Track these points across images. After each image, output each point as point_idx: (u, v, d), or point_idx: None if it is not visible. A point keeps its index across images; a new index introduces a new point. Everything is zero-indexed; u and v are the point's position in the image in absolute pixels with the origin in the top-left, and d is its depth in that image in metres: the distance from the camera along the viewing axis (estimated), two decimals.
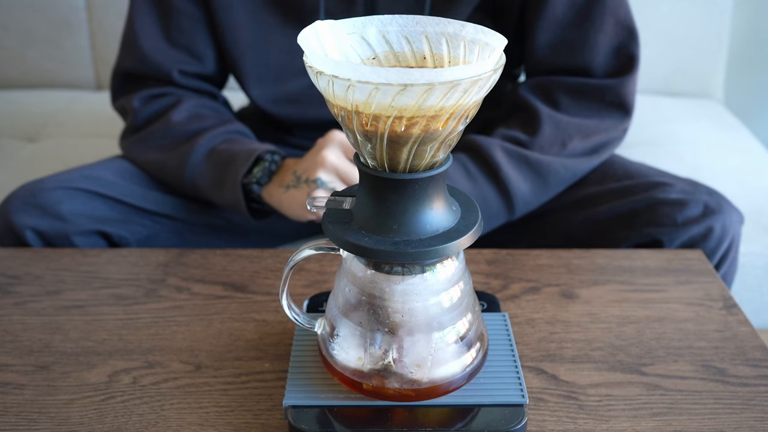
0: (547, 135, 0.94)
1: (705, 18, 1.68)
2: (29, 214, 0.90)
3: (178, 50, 1.00)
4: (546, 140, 0.94)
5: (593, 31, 0.94)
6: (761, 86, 1.92)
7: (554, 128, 0.94)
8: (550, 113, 0.95)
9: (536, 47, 0.97)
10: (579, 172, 0.96)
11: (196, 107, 0.99)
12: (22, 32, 1.75)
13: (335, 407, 0.60)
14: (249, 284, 0.81)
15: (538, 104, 0.96)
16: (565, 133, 0.95)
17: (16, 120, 1.64)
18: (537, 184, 0.94)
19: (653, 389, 0.66)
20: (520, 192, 0.92)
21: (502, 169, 0.91)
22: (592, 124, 0.96)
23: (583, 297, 0.79)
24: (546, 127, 0.94)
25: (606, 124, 0.97)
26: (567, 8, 0.94)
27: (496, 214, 0.93)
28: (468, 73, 0.48)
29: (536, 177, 0.93)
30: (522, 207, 0.94)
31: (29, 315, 0.76)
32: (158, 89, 1.01)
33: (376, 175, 0.54)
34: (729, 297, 0.79)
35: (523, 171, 0.93)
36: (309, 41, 0.53)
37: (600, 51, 0.95)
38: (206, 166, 0.94)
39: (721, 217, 0.87)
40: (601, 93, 0.96)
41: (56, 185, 0.92)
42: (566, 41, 0.95)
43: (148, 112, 0.99)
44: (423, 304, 0.58)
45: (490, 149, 0.92)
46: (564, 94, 0.96)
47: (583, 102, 0.96)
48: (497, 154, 0.92)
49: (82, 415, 0.63)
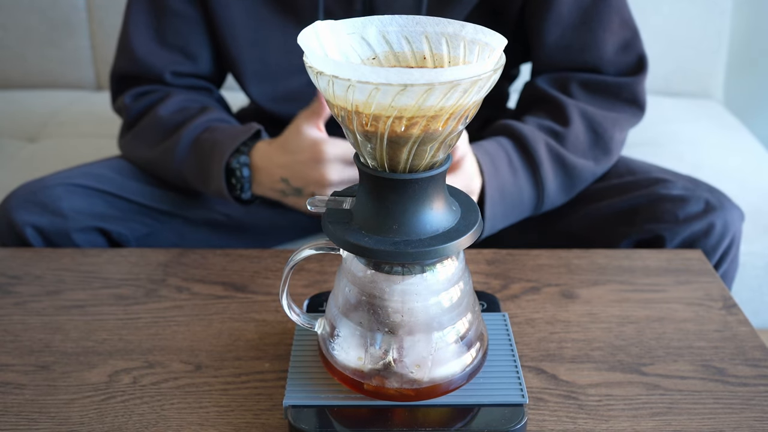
0: (578, 124, 0.94)
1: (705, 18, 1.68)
2: (29, 211, 0.90)
3: (172, 51, 1.00)
4: (580, 130, 0.94)
5: (600, 30, 0.95)
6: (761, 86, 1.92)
7: (582, 117, 0.95)
8: (574, 103, 0.95)
9: (544, 47, 0.97)
10: (598, 175, 0.97)
11: (183, 101, 0.99)
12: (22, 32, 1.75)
13: (335, 407, 0.60)
14: (249, 284, 0.82)
15: (560, 96, 0.96)
16: (593, 122, 0.95)
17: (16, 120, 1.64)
18: (565, 186, 0.94)
19: (653, 389, 0.66)
20: (550, 191, 0.93)
21: (543, 166, 0.91)
22: (614, 117, 0.96)
23: (583, 297, 0.79)
24: (575, 117, 0.94)
25: (625, 119, 0.97)
26: (573, 8, 0.94)
27: (526, 207, 0.93)
28: (468, 73, 0.48)
29: (566, 179, 0.94)
30: (548, 205, 0.95)
31: (29, 315, 0.76)
32: (149, 86, 1.01)
33: (376, 175, 0.54)
34: (729, 297, 0.79)
35: (558, 172, 0.93)
36: (309, 41, 0.53)
37: (608, 50, 0.96)
38: (190, 156, 0.93)
39: (722, 213, 0.87)
40: (616, 90, 0.97)
41: (56, 182, 0.93)
42: (573, 41, 0.96)
43: (138, 108, 1.00)
44: (423, 304, 0.58)
45: (535, 143, 0.92)
46: (580, 88, 0.97)
47: (598, 97, 0.97)
48: (541, 150, 0.92)
49: (82, 414, 0.63)
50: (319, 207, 0.59)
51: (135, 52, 0.99)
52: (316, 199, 0.60)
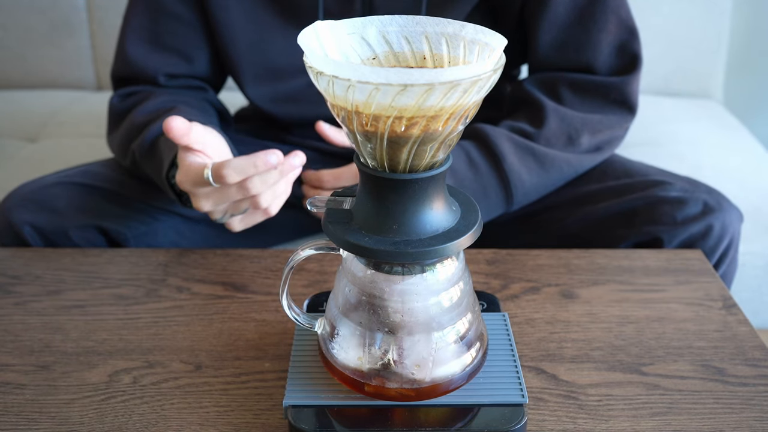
0: (553, 128, 0.94)
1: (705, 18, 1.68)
2: (27, 210, 0.90)
3: (167, 53, 0.99)
4: (552, 133, 0.94)
5: (596, 30, 0.94)
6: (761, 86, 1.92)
7: (559, 121, 0.95)
8: (555, 107, 0.95)
9: (539, 46, 0.97)
10: (581, 168, 0.96)
11: (161, 103, 0.95)
12: (22, 32, 1.75)
13: (335, 407, 0.60)
14: (249, 284, 0.82)
15: (543, 98, 0.96)
16: (570, 127, 0.95)
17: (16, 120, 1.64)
18: (540, 177, 0.94)
19: (653, 389, 0.66)
20: (521, 183, 0.92)
21: (506, 159, 0.91)
22: (597, 120, 0.96)
23: (582, 297, 0.79)
24: (552, 120, 0.94)
25: (611, 121, 0.97)
26: (569, 7, 0.94)
27: (495, 204, 0.93)
28: (468, 74, 0.48)
29: (540, 170, 0.93)
30: (521, 198, 0.94)
31: (30, 315, 0.77)
32: (135, 87, 1.00)
33: (376, 175, 0.54)
34: (728, 297, 0.79)
35: (528, 163, 0.93)
36: (309, 41, 0.53)
37: (603, 50, 0.95)
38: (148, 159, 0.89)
39: (720, 215, 0.87)
40: (605, 90, 0.97)
41: (54, 181, 0.93)
42: (569, 40, 0.96)
43: (121, 108, 0.99)
44: (423, 304, 0.58)
45: (496, 138, 0.92)
46: (568, 89, 0.97)
47: (587, 98, 0.97)
48: (503, 144, 0.92)
49: (82, 414, 0.63)
50: (319, 207, 0.59)
51: (129, 54, 0.99)
52: (316, 199, 0.60)
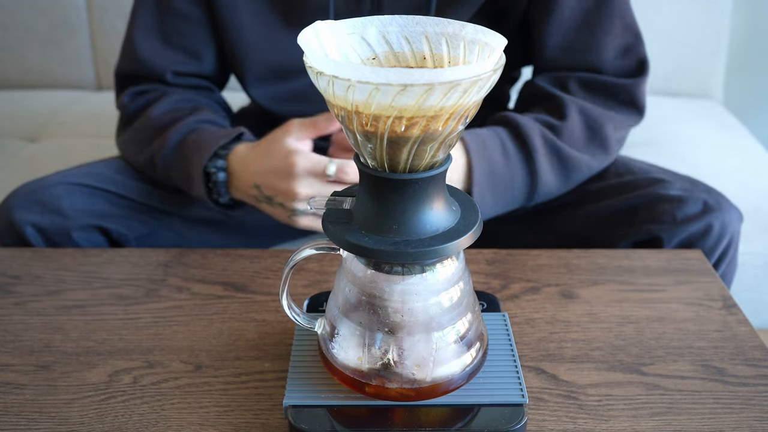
0: (575, 119, 0.94)
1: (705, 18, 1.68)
2: (29, 210, 0.90)
3: (174, 51, 1.00)
4: (575, 125, 0.94)
5: (602, 33, 0.95)
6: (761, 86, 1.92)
7: (579, 113, 0.95)
8: (572, 99, 0.95)
9: (545, 49, 0.97)
10: (594, 171, 0.97)
11: (176, 102, 0.98)
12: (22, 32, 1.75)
13: (335, 407, 0.60)
14: (249, 284, 0.82)
15: (559, 92, 0.96)
16: (590, 119, 0.95)
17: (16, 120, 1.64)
18: (561, 178, 0.94)
19: (653, 389, 0.66)
20: (545, 181, 0.92)
21: (537, 153, 0.91)
22: (611, 116, 0.96)
23: (582, 297, 0.79)
24: (572, 113, 0.94)
25: (621, 119, 0.97)
26: (575, 11, 0.95)
27: (519, 196, 0.93)
28: (468, 74, 0.48)
29: (562, 170, 0.93)
30: (542, 196, 0.94)
31: (30, 315, 0.77)
32: (147, 86, 1.01)
33: (376, 175, 0.54)
34: (728, 297, 0.79)
35: (553, 162, 0.93)
36: (309, 41, 0.53)
37: (609, 53, 0.96)
38: (175, 158, 0.93)
39: (720, 214, 0.87)
40: (614, 90, 0.97)
41: (56, 182, 0.93)
42: (575, 43, 0.96)
43: (134, 107, 1.00)
44: (423, 304, 0.58)
45: (530, 131, 0.92)
46: (579, 87, 0.97)
47: (597, 96, 0.97)
48: (536, 138, 0.91)
49: (82, 414, 0.63)
50: (319, 207, 0.59)
51: (137, 51, 1.00)
52: (316, 199, 0.60)
